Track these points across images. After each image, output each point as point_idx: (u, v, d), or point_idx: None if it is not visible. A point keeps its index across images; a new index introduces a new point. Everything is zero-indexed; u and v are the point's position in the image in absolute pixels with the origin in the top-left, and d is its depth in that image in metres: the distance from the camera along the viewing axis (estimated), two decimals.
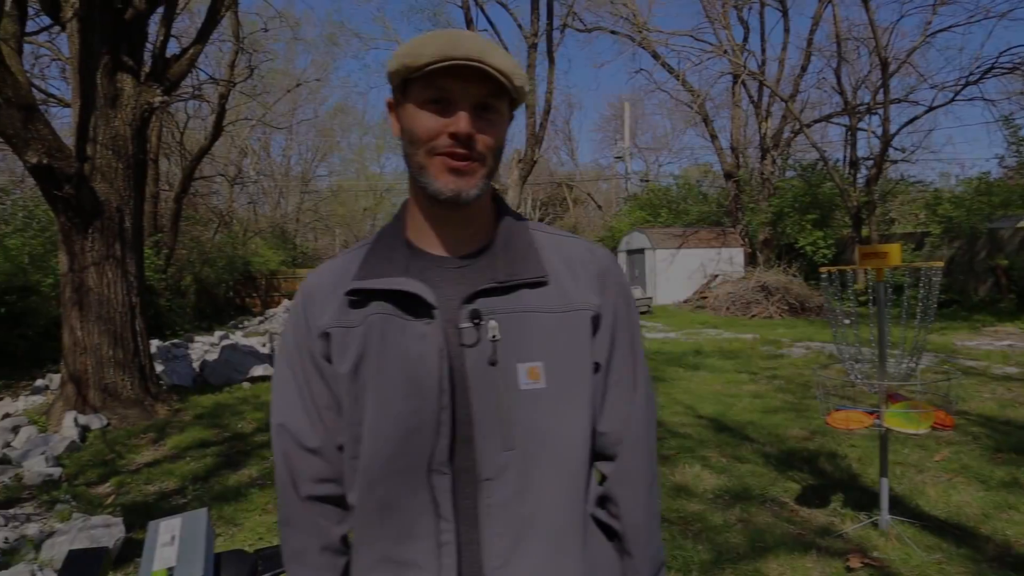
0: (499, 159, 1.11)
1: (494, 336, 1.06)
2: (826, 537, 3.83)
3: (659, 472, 1.23)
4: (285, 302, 21.66)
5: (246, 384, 9.33)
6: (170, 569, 1.28)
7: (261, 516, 4.50)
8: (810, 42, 21.45)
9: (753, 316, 16.92)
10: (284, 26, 22.42)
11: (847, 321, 4.32)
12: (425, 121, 1.04)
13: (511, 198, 17.28)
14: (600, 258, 1.19)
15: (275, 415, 1.20)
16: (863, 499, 4.33)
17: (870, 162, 20.48)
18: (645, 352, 1.25)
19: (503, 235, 1.14)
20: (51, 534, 3.99)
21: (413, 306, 1.07)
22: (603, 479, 1.20)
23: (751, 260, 22.51)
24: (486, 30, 20.44)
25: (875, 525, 3.90)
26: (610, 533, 1.18)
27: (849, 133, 22.32)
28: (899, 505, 4.20)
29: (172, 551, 1.33)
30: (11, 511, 4.53)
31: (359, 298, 1.11)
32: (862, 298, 13.01)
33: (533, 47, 18.27)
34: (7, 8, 6.57)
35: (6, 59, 6.10)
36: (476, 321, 1.06)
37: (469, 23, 19.93)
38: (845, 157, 23.46)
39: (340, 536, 1.19)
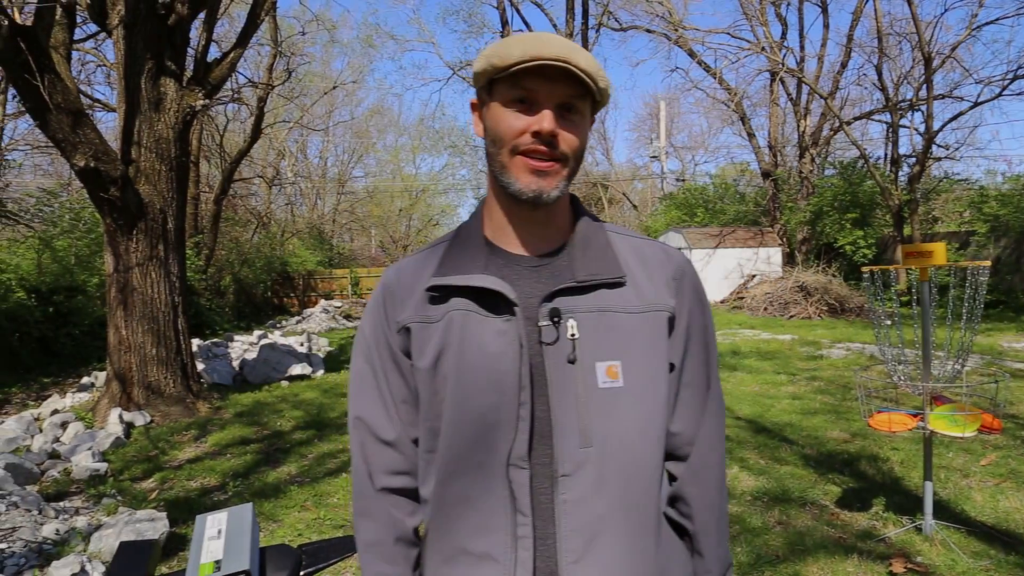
0: (580, 161, 1.12)
1: (573, 334, 1.07)
2: (868, 541, 3.76)
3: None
4: (322, 302, 21.89)
5: (284, 383, 9.47)
6: (217, 562, 1.30)
7: (300, 513, 4.56)
8: (850, 38, 21.05)
9: (791, 317, 16.67)
10: (321, 29, 22.76)
11: (889, 322, 4.24)
12: (510, 120, 1.07)
13: None
14: (676, 260, 1.20)
15: (353, 408, 1.23)
16: (906, 503, 4.25)
17: (913, 159, 20.04)
18: None
19: (581, 235, 1.16)
20: (98, 527, 4.10)
21: (493, 303, 1.09)
22: (672, 479, 1.21)
23: (789, 260, 22.18)
24: (520, 30, 20.46)
25: (919, 530, 3.82)
26: (681, 532, 1.20)
27: (891, 130, 21.85)
28: (944, 510, 4.10)
29: (219, 544, 1.35)
30: (61, 504, 4.67)
31: (439, 294, 1.13)
32: (904, 298, 12.74)
33: None
34: (57, 17, 6.75)
35: (56, 66, 6.28)
36: (555, 319, 1.08)
37: (504, 24, 19.99)
38: (886, 155, 22.98)
39: (413, 528, 1.21)
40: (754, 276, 21.56)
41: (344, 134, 37.63)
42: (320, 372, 10.10)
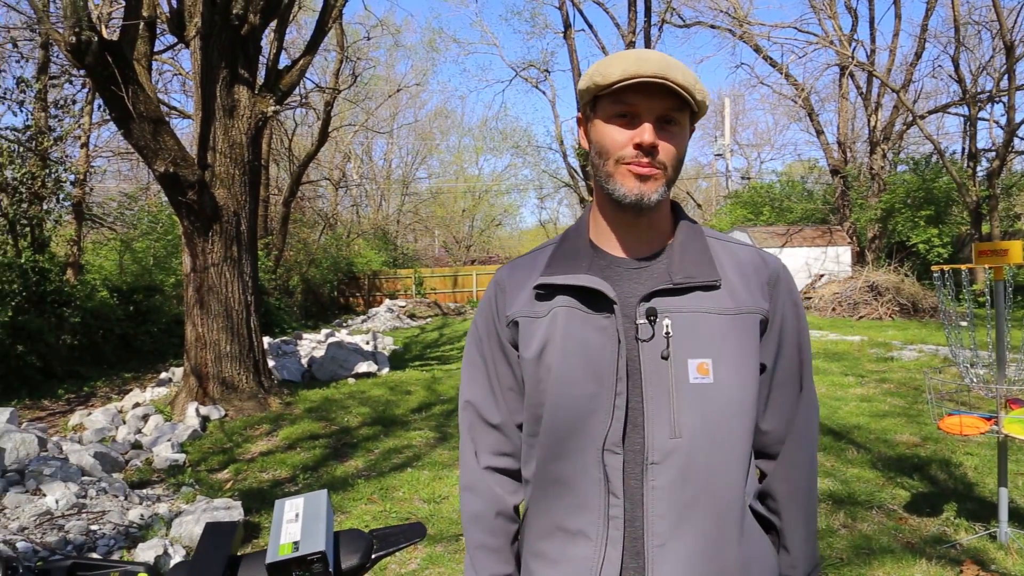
0: (679, 169, 1.20)
1: (667, 332, 1.15)
2: (938, 546, 3.67)
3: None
4: (387, 301, 22.31)
5: (351, 380, 9.72)
6: (295, 543, 1.39)
7: (367, 505, 4.71)
8: (924, 28, 20.30)
9: (861, 317, 16.19)
10: (385, 34, 23.19)
11: (964, 323, 4.13)
12: (613, 134, 1.15)
13: None
14: (772, 265, 1.25)
15: (463, 392, 1.35)
16: (980, 510, 4.12)
17: (992, 154, 19.20)
18: None
19: (680, 240, 1.24)
20: (178, 514, 4.33)
21: (595, 301, 1.18)
22: (762, 476, 1.28)
23: (859, 259, 21.53)
24: (583, 30, 20.42)
25: (993, 537, 3.71)
26: (767, 527, 1.24)
27: (968, 123, 21.00)
28: (1020, 517, 3.97)
29: (296, 527, 1.44)
30: (144, 491, 4.93)
31: (546, 292, 1.23)
32: (981, 299, 12.24)
33: (631, 45, 18.15)
34: (139, 31, 7.11)
35: (139, 78, 6.61)
36: (651, 318, 1.16)
37: (567, 25, 19.99)
38: (964, 149, 22.09)
39: (513, 505, 1.31)
40: (822, 276, 21.00)
41: (408, 136, 38.27)
42: (385, 370, 10.32)
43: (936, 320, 14.55)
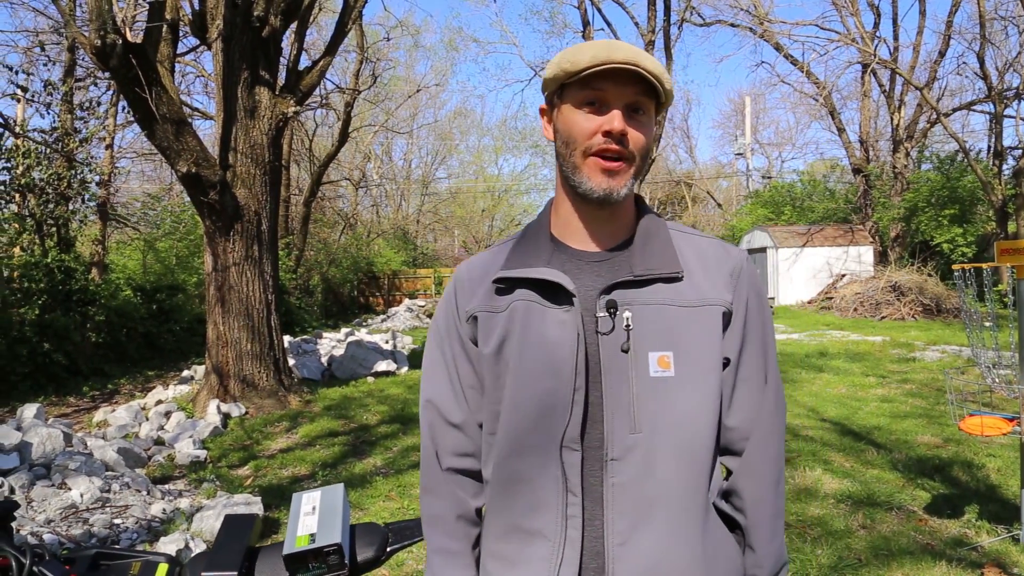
0: (646, 160, 1.19)
1: (627, 325, 1.13)
2: (958, 548, 3.64)
3: (784, 469, 1.23)
4: (407, 301, 22.40)
5: (370, 378, 9.78)
6: (312, 535, 1.41)
7: (385, 502, 4.75)
8: (949, 24, 20.04)
9: (883, 318, 16.02)
10: (405, 34, 23.30)
11: (988, 323, 4.08)
12: (581, 121, 1.14)
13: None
14: (735, 257, 1.23)
15: (424, 392, 1.32)
16: (1002, 512, 4.07)
17: (1018, 151, 18.92)
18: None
19: (642, 232, 1.22)
20: (199, 508, 4.39)
21: (554, 294, 1.16)
22: (729, 473, 1.24)
23: (881, 258, 21.31)
24: (602, 29, 20.38)
25: (1015, 540, 3.67)
26: (732, 525, 1.21)
27: (994, 121, 20.71)
28: None
29: (313, 520, 1.47)
30: (166, 486, 5.01)
31: (505, 286, 1.21)
32: (1007, 299, 12.07)
33: (650, 44, 18.07)
34: (163, 34, 7.21)
35: (162, 79, 6.71)
36: (612, 311, 1.14)
37: (586, 24, 19.97)
38: (989, 147, 21.79)
39: (475, 508, 1.29)
40: (844, 275, 20.81)
41: (428, 136, 38.39)
42: (404, 369, 10.37)
43: (960, 320, 14.36)
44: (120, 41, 5.97)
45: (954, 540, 3.76)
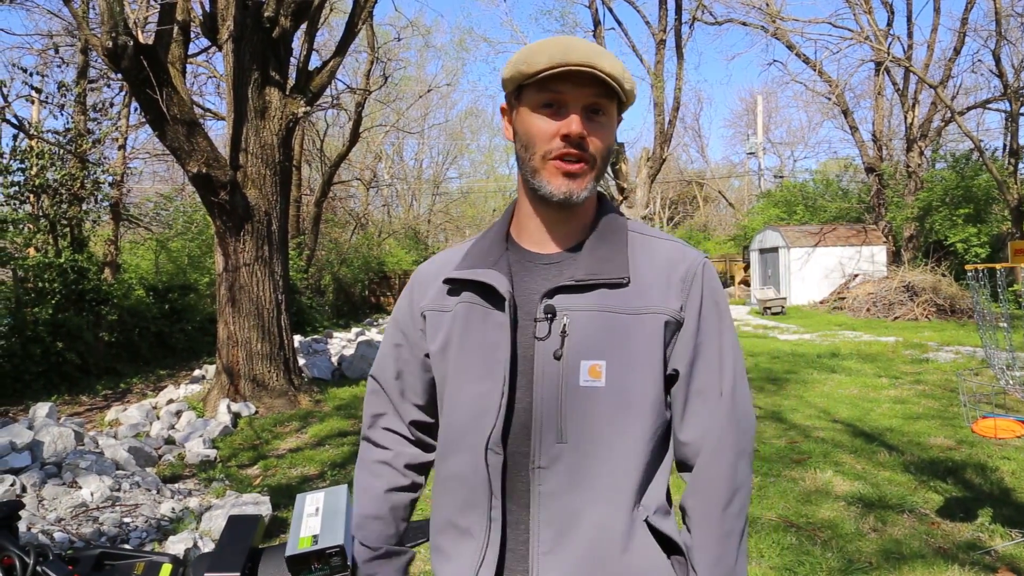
0: (607, 161, 1.16)
1: (563, 331, 1.11)
2: (971, 552, 3.59)
3: (747, 488, 1.16)
4: None
5: None
6: (315, 536, 1.41)
7: None
8: (964, 21, 19.87)
9: (896, 318, 15.90)
10: (416, 34, 23.33)
11: (1002, 324, 4.04)
12: (539, 124, 1.11)
13: (639, 196, 17.10)
14: (689, 262, 1.17)
15: (373, 368, 1.38)
16: (1016, 516, 4.02)
17: None
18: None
19: (597, 235, 1.18)
20: (208, 508, 4.41)
21: (497, 297, 1.15)
22: None
23: (895, 258, 21.16)
24: (613, 29, 20.34)
25: None
26: (670, 545, 1.13)
27: (1009, 119, 20.51)
28: None
29: (316, 521, 1.46)
30: (176, 485, 5.04)
31: (454, 287, 1.22)
32: (1022, 299, 11.95)
33: (661, 43, 18.02)
34: (174, 35, 7.25)
35: (173, 81, 6.74)
36: (549, 316, 1.12)
37: (597, 23, 19.92)
38: (1005, 146, 21.57)
39: (405, 464, 1.33)
40: (856, 275, 20.68)
41: (439, 136, 38.48)
42: None
43: (974, 321, 14.24)
44: (131, 43, 6.00)
45: (967, 544, 3.71)
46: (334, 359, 10.58)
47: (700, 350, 1.14)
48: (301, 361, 9.60)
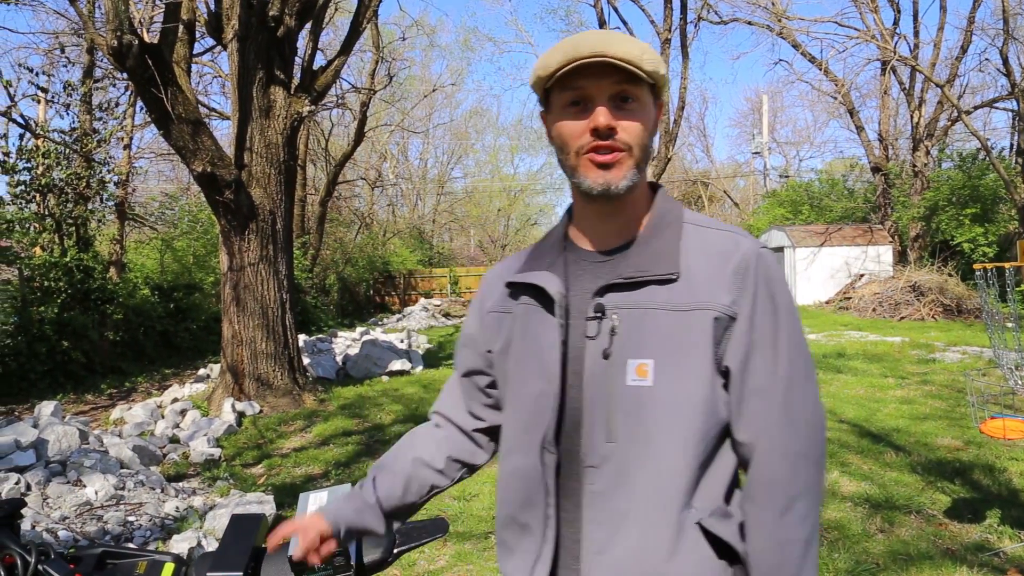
0: (646, 148, 1.14)
1: (612, 330, 1.10)
2: (979, 554, 3.57)
3: (811, 494, 1.09)
4: (422, 300, 22.47)
5: (385, 377, 9.79)
6: None
7: None
8: (971, 20, 19.76)
9: (902, 318, 15.83)
10: (420, 34, 23.32)
11: (1010, 324, 4.01)
12: (568, 125, 1.12)
13: None
14: (743, 253, 1.12)
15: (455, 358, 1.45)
16: None
17: None
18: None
19: (648, 229, 1.17)
20: (213, 507, 4.40)
21: (548, 299, 1.17)
22: None
23: (901, 258, 21.07)
24: (618, 28, 20.30)
25: None
26: (728, 551, 1.10)
27: (1017, 118, 20.43)
28: None
29: None
30: (180, 484, 5.04)
31: (514, 290, 1.25)
32: None
33: (667, 42, 17.96)
34: (179, 35, 7.25)
35: (178, 80, 6.75)
36: (599, 315, 1.11)
37: (602, 23, 19.89)
38: (1012, 145, 21.48)
39: (436, 456, 1.37)
40: (862, 275, 20.61)
41: (444, 136, 38.45)
42: (419, 368, 10.38)
43: (982, 321, 14.17)
44: (136, 42, 6.00)
45: (975, 545, 3.69)
46: (339, 358, 10.58)
47: (754, 346, 1.09)
48: (305, 360, 9.61)
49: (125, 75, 7.59)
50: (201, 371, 9.81)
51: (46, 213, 10.54)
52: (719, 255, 1.12)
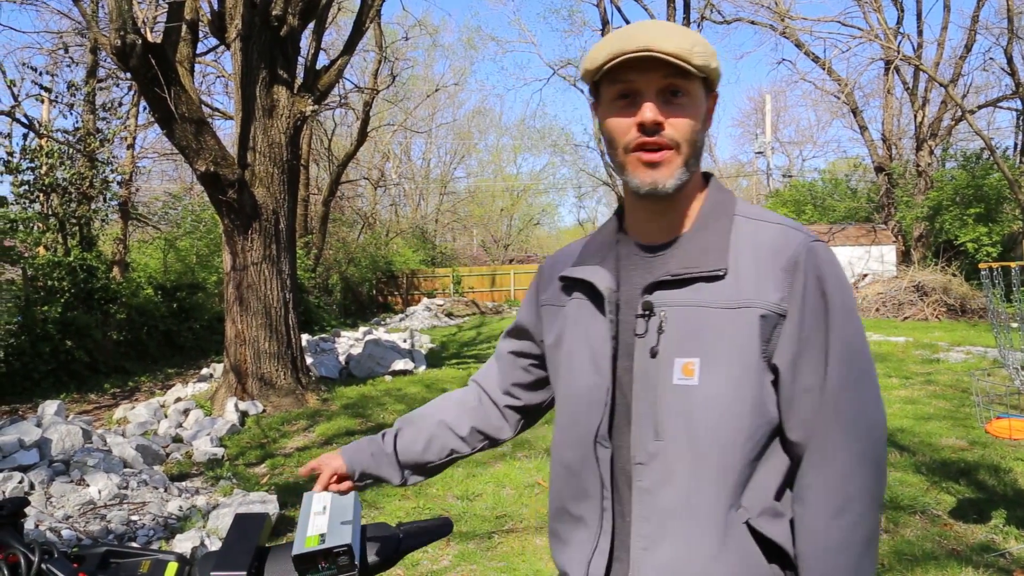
0: (696, 144, 1.11)
1: (660, 328, 1.09)
2: (985, 555, 3.55)
3: (867, 498, 1.05)
4: (425, 300, 22.45)
5: (388, 377, 9.79)
6: (322, 535, 1.39)
7: (400, 501, 4.73)
8: (975, 19, 19.71)
9: (906, 318, 15.79)
10: (423, 33, 23.33)
11: (1015, 324, 3.99)
12: (616, 120, 1.10)
13: None
14: (794, 248, 1.08)
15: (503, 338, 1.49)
16: None
17: None
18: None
19: (699, 223, 1.15)
20: (216, 506, 4.40)
21: (599, 295, 1.17)
22: None
23: (904, 258, 21.02)
24: (621, 27, 20.29)
25: None
26: (773, 550, 1.08)
27: (1021, 118, 20.39)
28: None
29: (324, 520, 1.44)
30: (183, 484, 5.04)
31: (566, 284, 1.26)
32: None
33: None
34: (182, 34, 7.25)
35: (181, 79, 6.75)
36: (647, 312, 1.10)
37: (605, 22, 19.90)
38: (1016, 144, 21.46)
39: (461, 422, 1.45)
40: (866, 275, 20.56)
41: (446, 136, 38.44)
42: (422, 368, 10.38)
43: (985, 321, 14.13)
44: (140, 41, 6.00)
45: (981, 546, 3.67)
46: (342, 358, 10.58)
47: (805, 344, 1.06)
48: (309, 360, 9.60)
49: (128, 75, 7.60)
50: (204, 371, 9.81)
51: (50, 213, 10.56)
52: (769, 250, 1.09)
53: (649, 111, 1.06)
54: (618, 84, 1.08)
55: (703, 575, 1.07)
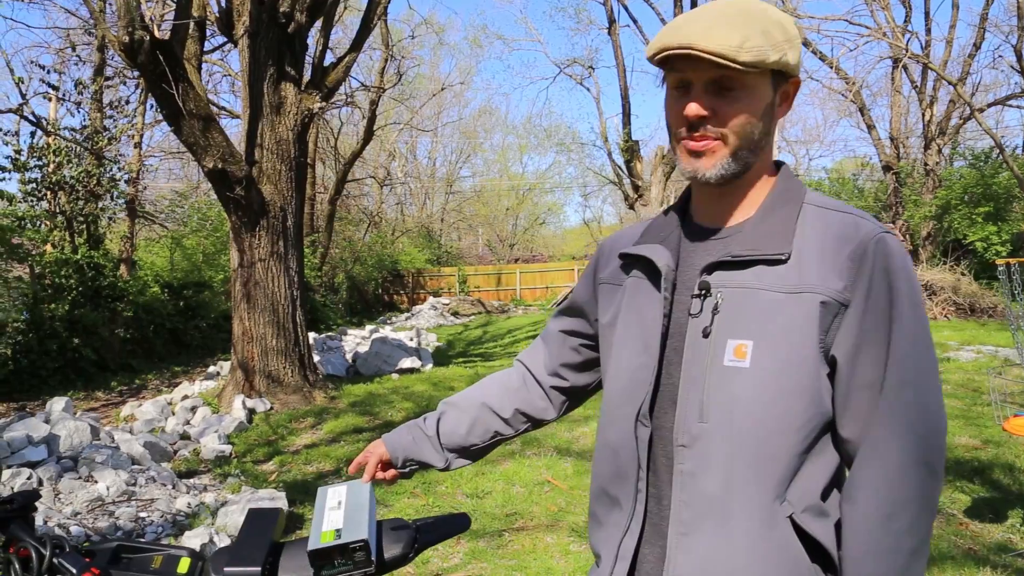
0: (748, 135, 1.08)
1: (715, 309, 1.08)
2: (1002, 555, 3.51)
3: (922, 502, 1.01)
4: (431, 299, 22.43)
5: (395, 375, 9.77)
6: (337, 530, 1.36)
7: (409, 499, 4.71)
8: (984, 17, 19.60)
9: None
10: (430, 32, 23.29)
11: None
12: (672, 105, 1.11)
13: (654, 195, 17.02)
14: (862, 236, 1.04)
15: (555, 312, 1.49)
16: None
17: None
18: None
19: (766, 207, 1.13)
20: (224, 503, 4.38)
21: (656, 272, 1.17)
22: None
23: (913, 257, 20.93)
24: (628, 26, 20.22)
25: None
26: (816, 550, 1.04)
27: None
28: None
29: (339, 515, 1.41)
30: (191, 481, 5.02)
31: (627, 262, 1.26)
32: None
33: None
34: (190, 31, 7.23)
35: (189, 76, 6.73)
36: (703, 292, 1.09)
37: (612, 21, 19.84)
38: None
39: (504, 404, 1.45)
40: None
41: (452, 134, 38.41)
42: (429, 366, 10.35)
43: (996, 320, 14.05)
44: (147, 38, 5.99)
45: (997, 545, 3.63)
46: (348, 356, 10.57)
47: (865, 337, 1.02)
48: (316, 358, 9.59)
49: (136, 72, 7.59)
50: (211, 368, 9.80)
51: (57, 211, 10.57)
52: (836, 238, 1.06)
53: (692, 107, 1.06)
54: (673, 73, 1.09)
55: (742, 566, 1.03)
